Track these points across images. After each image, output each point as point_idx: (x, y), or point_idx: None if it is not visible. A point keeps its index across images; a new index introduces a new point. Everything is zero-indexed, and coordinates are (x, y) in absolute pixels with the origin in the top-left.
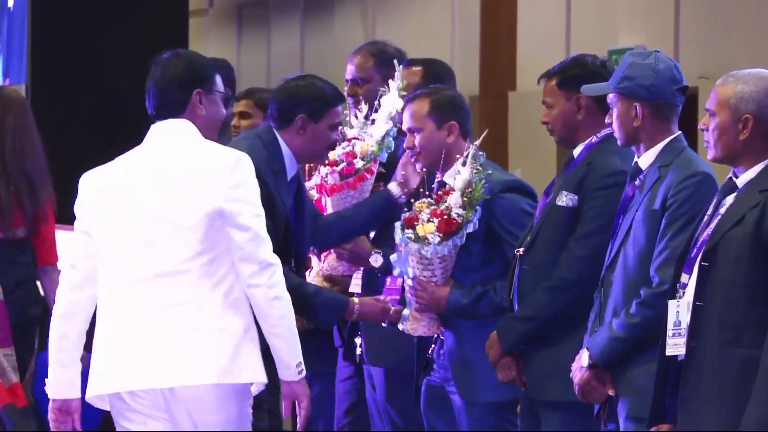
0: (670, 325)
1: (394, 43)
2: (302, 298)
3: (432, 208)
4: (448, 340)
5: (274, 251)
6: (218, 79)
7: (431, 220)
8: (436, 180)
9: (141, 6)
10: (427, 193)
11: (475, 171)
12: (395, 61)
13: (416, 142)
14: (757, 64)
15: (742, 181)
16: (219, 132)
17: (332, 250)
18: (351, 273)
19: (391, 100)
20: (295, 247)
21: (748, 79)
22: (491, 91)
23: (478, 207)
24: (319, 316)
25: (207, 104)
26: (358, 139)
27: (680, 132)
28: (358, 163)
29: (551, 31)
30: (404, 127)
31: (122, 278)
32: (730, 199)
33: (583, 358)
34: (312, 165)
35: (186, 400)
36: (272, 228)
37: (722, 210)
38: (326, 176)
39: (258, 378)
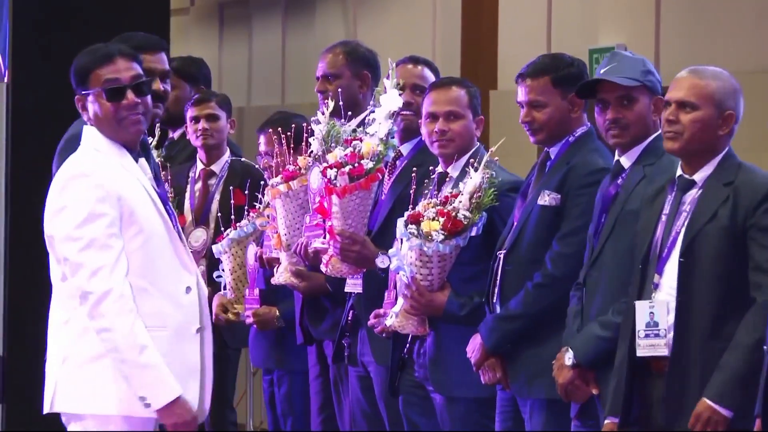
0: (641, 326)
1: (376, 42)
2: None
3: (438, 208)
4: (428, 337)
5: None
6: (97, 76)
7: (437, 218)
8: (437, 171)
9: (122, 4)
10: (434, 191)
11: (487, 177)
12: (389, 60)
13: (453, 128)
14: (738, 63)
15: (699, 176)
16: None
17: (336, 253)
18: (353, 274)
19: (391, 99)
20: None
21: (722, 76)
22: None
23: (484, 212)
24: None
25: (90, 106)
26: (359, 140)
27: (660, 131)
28: (368, 164)
29: (533, 31)
30: (436, 110)
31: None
32: (691, 196)
33: (567, 357)
34: (279, 162)
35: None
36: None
37: (686, 207)
38: (335, 178)
39: (95, 409)
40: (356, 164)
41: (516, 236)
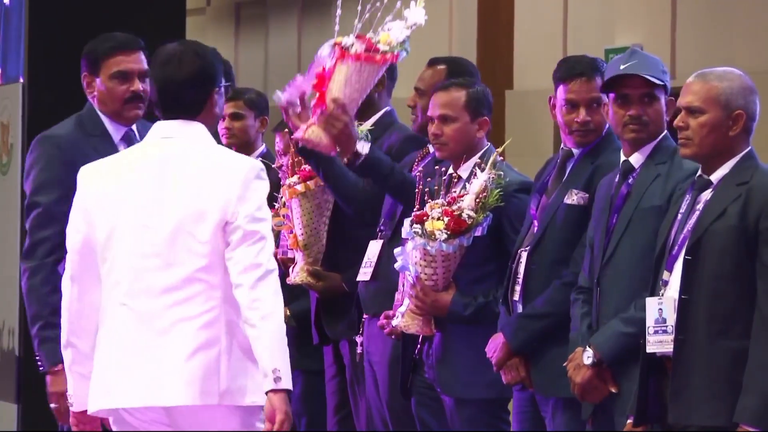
0: (650, 323)
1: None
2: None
3: (444, 208)
4: (435, 339)
5: None
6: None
7: (441, 218)
8: (447, 173)
9: (138, 4)
10: (441, 190)
11: (493, 177)
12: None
13: (446, 131)
14: (754, 63)
15: (716, 176)
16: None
17: (320, 121)
18: (329, 152)
19: (416, 13)
20: None
21: (730, 76)
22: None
23: (489, 213)
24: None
25: (219, 101)
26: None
27: (666, 131)
28: (384, 47)
29: (549, 31)
30: (433, 113)
31: (129, 289)
32: (705, 195)
33: (585, 357)
34: (295, 159)
35: (187, 417)
36: None
37: (699, 206)
38: (351, 45)
39: (260, 400)
40: (372, 48)
41: (541, 235)
